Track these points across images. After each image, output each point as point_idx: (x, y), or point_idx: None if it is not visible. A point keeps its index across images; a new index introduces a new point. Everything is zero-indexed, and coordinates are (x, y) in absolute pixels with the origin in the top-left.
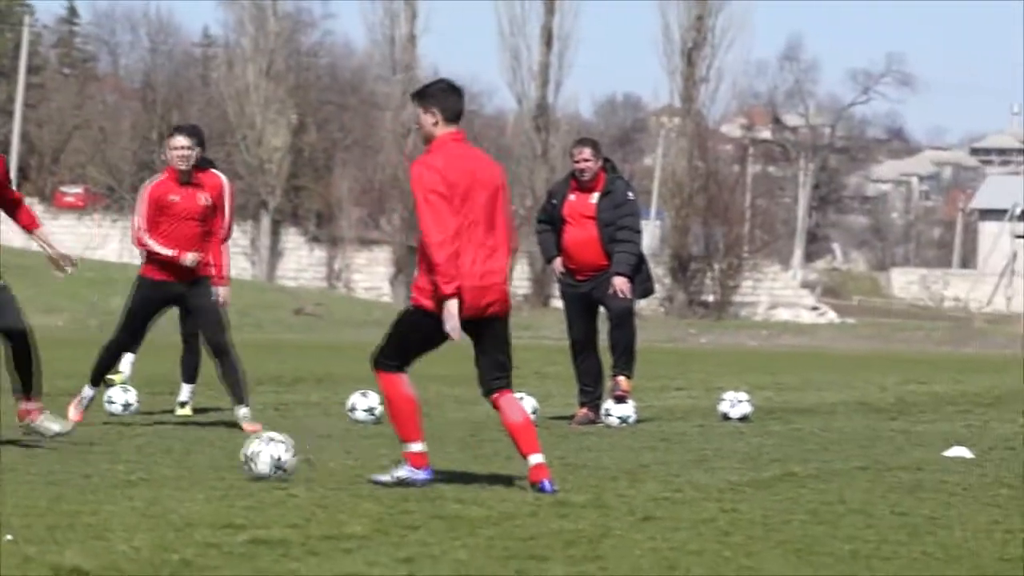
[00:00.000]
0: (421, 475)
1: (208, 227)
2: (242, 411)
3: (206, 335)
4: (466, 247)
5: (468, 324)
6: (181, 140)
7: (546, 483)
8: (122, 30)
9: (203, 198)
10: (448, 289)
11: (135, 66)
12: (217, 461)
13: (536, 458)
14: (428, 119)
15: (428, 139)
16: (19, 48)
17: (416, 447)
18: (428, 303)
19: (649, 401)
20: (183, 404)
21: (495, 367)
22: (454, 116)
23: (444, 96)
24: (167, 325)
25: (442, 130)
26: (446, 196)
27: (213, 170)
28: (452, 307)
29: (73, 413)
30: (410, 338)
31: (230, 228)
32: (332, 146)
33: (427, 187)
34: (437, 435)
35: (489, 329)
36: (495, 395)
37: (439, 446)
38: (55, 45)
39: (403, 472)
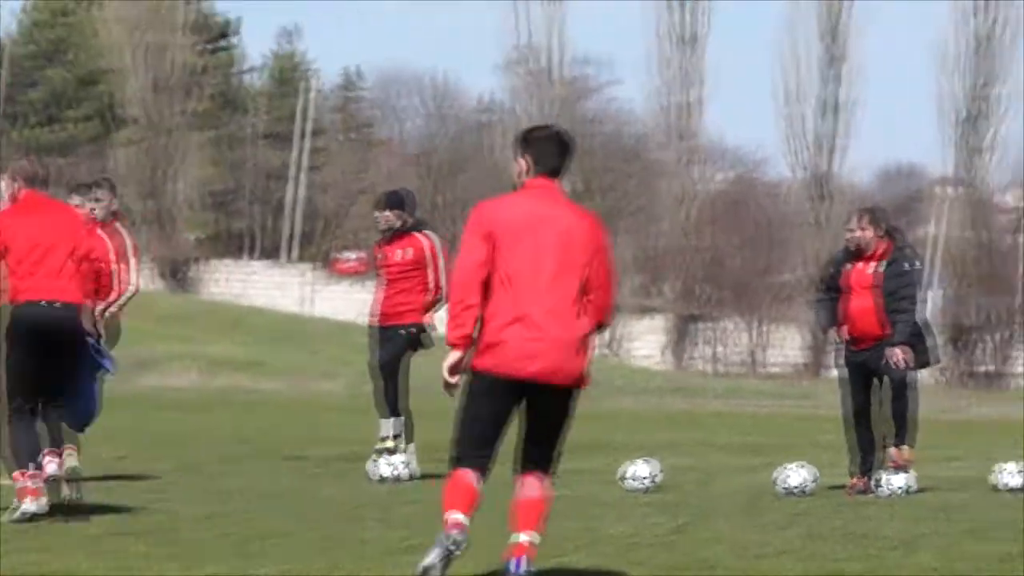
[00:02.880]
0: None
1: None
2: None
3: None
4: (511, 295)
5: (510, 387)
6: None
7: (514, 562)
8: (403, 95)
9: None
10: (451, 337)
11: (415, 131)
12: (494, 526)
13: (521, 537)
14: (519, 165)
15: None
16: (304, 111)
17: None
18: (477, 361)
19: (926, 471)
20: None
21: (536, 447)
22: (548, 168)
23: (542, 144)
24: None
25: (530, 178)
26: (486, 236)
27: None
28: (452, 357)
29: None
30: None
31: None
32: (613, 214)
33: (469, 222)
34: (716, 504)
35: (539, 400)
36: (521, 474)
37: (718, 516)
38: (337, 110)
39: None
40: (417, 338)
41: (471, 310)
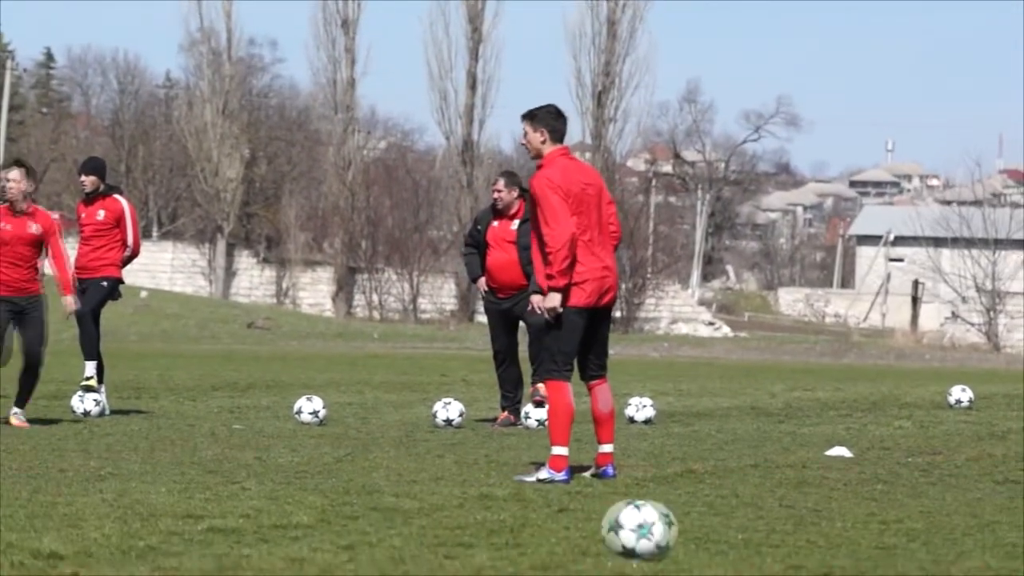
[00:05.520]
0: (560, 476)
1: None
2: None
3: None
4: (585, 247)
5: (586, 313)
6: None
7: (608, 468)
8: (93, 73)
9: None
10: (561, 282)
11: (105, 106)
12: (179, 457)
13: (606, 447)
14: (537, 137)
15: (537, 155)
16: (1, 89)
17: (559, 451)
18: (575, 300)
19: None
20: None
21: (597, 359)
22: (559, 136)
23: (552, 119)
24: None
25: (550, 148)
26: (565, 201)
27: (116, 195)
28: (558, 298)
29: None
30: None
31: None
32: (280, 177)
33: (547, 194)
34: (376, 436)
35: (601, 321)
36: (591, 383)
37: (377, 446)
38: (34, 86)
39: (544, 474)
40: (113, 289)
41: (574, 265)
